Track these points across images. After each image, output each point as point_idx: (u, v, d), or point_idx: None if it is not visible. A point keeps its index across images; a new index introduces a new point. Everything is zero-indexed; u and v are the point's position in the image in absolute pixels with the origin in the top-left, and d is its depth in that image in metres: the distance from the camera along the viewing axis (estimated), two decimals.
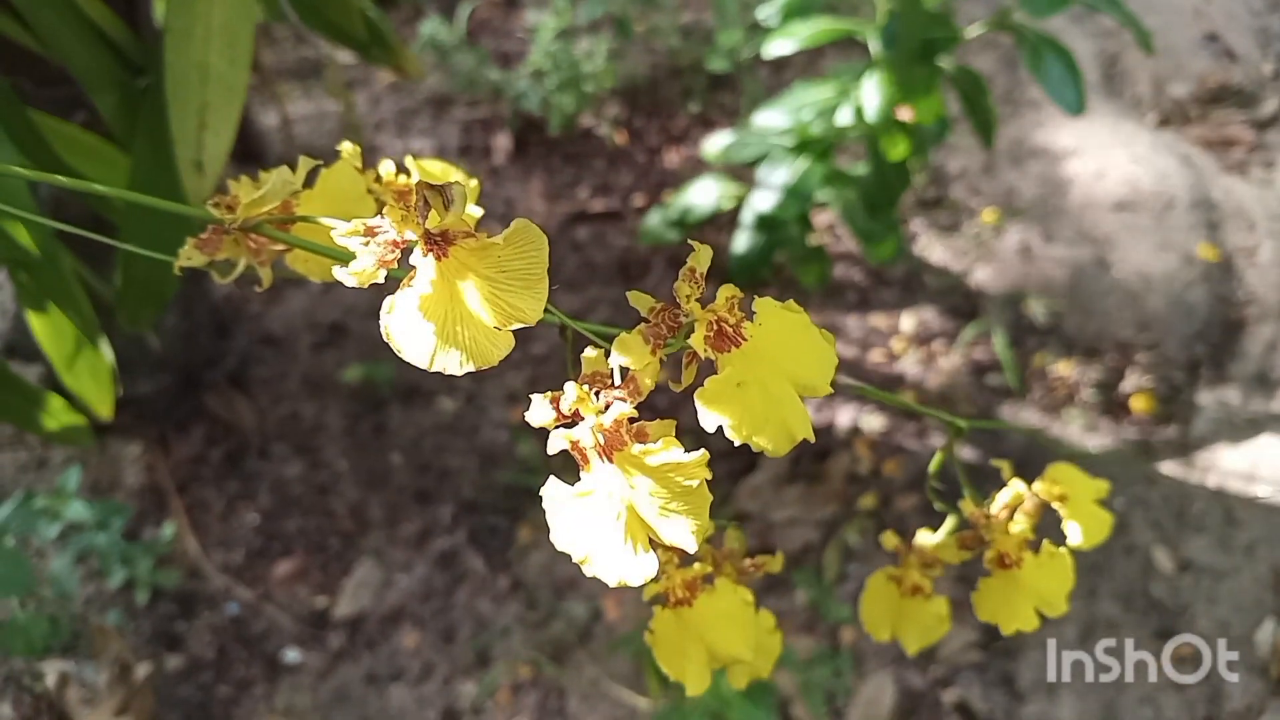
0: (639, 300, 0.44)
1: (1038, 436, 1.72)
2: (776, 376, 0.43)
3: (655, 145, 2.31)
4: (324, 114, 2.30)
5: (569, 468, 1.41)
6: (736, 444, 0.43)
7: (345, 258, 0.43)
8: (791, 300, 0.45)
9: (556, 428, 0.41)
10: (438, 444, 1.88)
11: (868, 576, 1.73)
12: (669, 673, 0.55)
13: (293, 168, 0.53)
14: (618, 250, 2.11)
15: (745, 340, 0.43)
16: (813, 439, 0.43)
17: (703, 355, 0.43)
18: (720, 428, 0.43)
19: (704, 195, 1.91)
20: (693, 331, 0.43)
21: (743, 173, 2.06)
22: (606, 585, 1.31)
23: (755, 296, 0.45)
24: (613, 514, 0.40)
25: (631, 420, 0.41)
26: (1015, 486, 0.59)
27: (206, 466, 1.85)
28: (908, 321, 2.01)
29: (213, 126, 0.69)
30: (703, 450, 0.40)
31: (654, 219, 1.99)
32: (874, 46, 1.57)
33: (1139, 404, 1.90)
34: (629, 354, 0.42)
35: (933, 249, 2.13)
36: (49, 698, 1.64)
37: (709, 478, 0.40)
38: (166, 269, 1.04)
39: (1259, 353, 1.97)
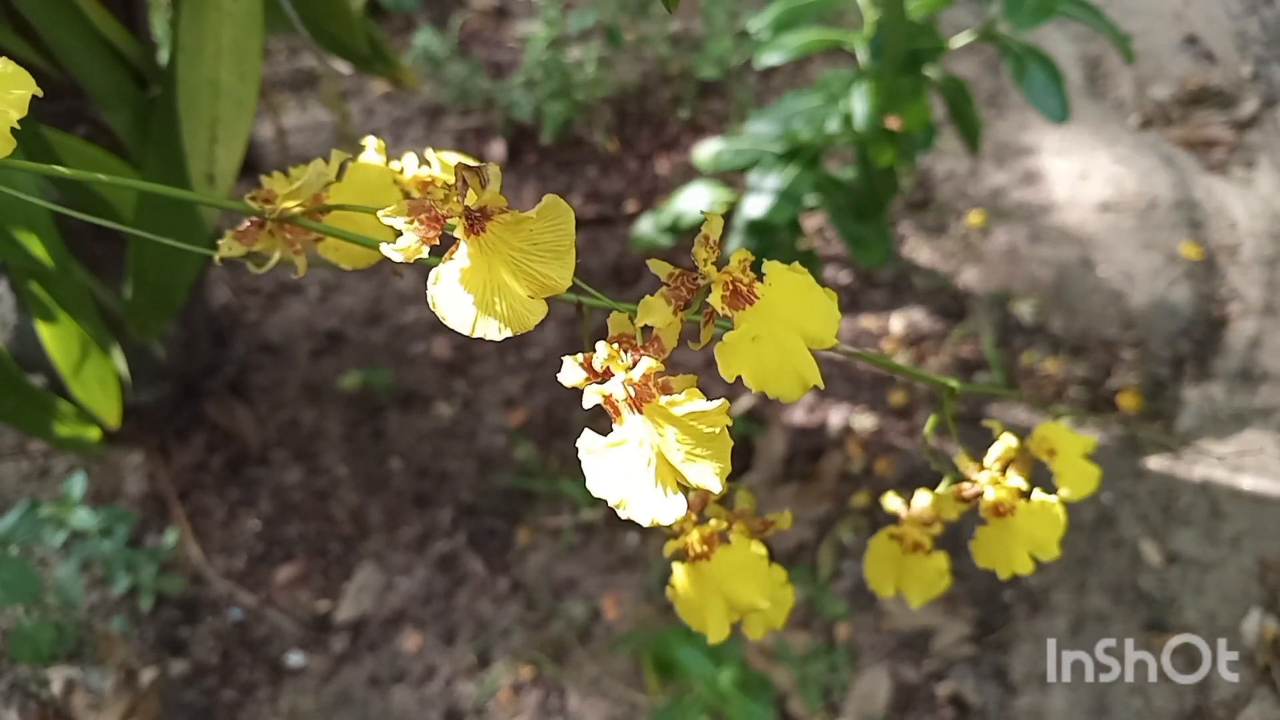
0: (659, 267, 0.48)
1: (1024, 399, 1.76)
2: (788, 330, 0.47)
3: (646, 152, 2.34)
4: (319, 125, 2.32)
5: (567, 469, 1.44)
6: (754, 392, 0.46)
7: (377, 243, 0.46)
8: (796, 262, 0.49)
9: (589, 385, 0.44)
10: (436, 448, 1.91)
11: (862, 573, 1.75)
12: (690, 623, 0.58)
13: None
14: (611, 256, 2.14)
15: (758, 299, 0.46)
16: (822, 385, 0.47)
17: (720, 312, 0.46)
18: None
19: (695, 201, 1.94)
20: (710, 292, 0.46)
21: (733, 179, 2.09)
22: (605, 585, 1.33)
23: (764, 261, 0.49)
24: (644, 460, 0.43)
25: (658, 375, 0.45)
26: (1007, 440, 0.63)
27: (207, 474, 1.87)
28: (897, 323, 2.04)
29: (224, 140, 0.72)
30: (723, 399, 0.44)
31: (646, 225, 2.02)
32: (861, 56, 1.60)
33: (1125, 400, 1.94)
34: (653, 314, 0.46)
35: (920, 251, 2.16)
36: (55, 704, 1.66)
37: (729, 424, 0.44)
38: (176, 277, 1.07)
39: (1242, 348, 2.01)
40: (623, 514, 0.44)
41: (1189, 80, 2.46)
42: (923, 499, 0.66)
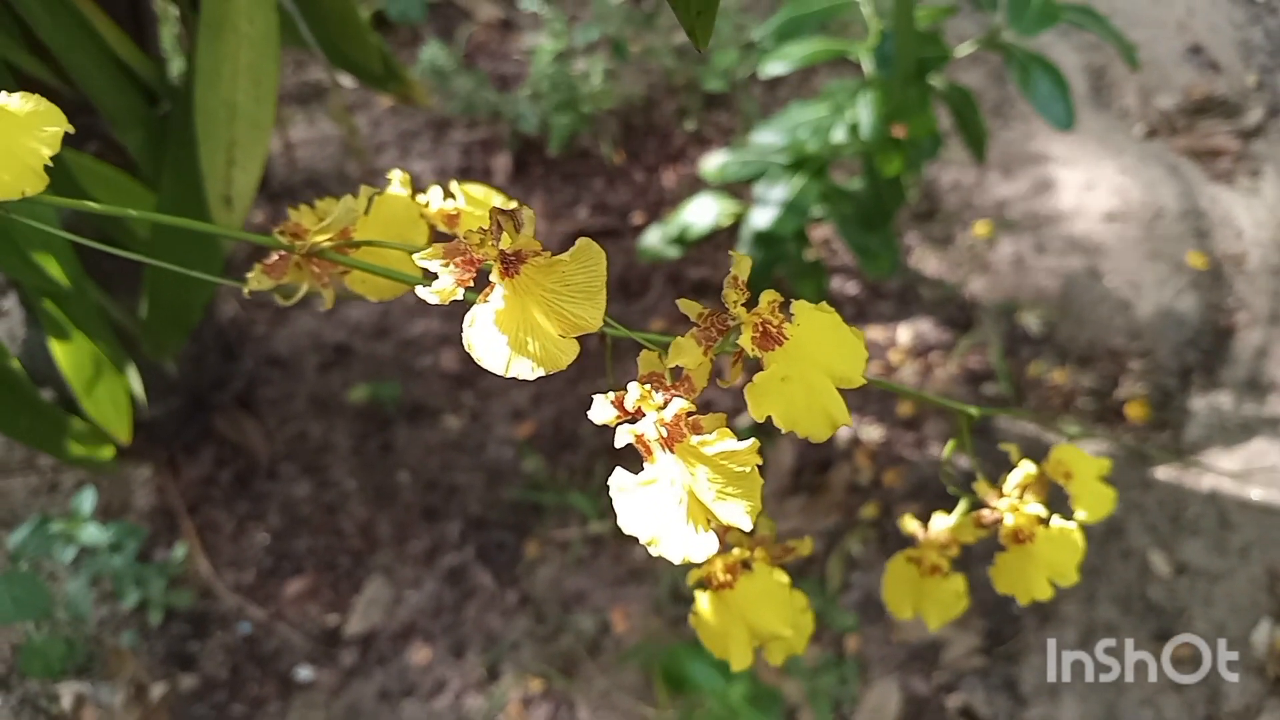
0: (688, 307, 0.49)
1: (1045, 422, 1.76)
2: (816, 371, 0.47)
3: (652, 164, 2.35)
4: (326, 138, 2.33)
5: (575, 482, 1.44)
6: (784, 432, 0.46)
7: (406, 278, 0.47)
8: (824, 302, 0.49)
9: (620, 423, 0.45)
10: (444, 462, 1.91)
11: (871, 585, 1.75)
12: (714, 651, 0.59)
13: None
14: (618, 267, 2.14)
15: (787, 339, 0.47)
16: (851, 425, 0.48)
17: (751, 354, 0.46)
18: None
19: (702, 213, 1.94)
20: (739, 333, 0.47)
21: (740, 190, 2.10)
22: (613, 598, 1.33)
23: (790, 300, 0.49)
24: (675, 499, 0.44)
25: (689, 414, 0.45)
26: (1026, 467, 0.63)
27: (216, 488, 1.88)
28: (905, 333, 2.04)
29: (240, 162, 0.73)
30: (754, 440, 0.44)
31: (653, 236, 2.02)
32: (867, 66, 1.61)
33: (1133, 410, 1.93)
34: (684, 355, 0.46)
35: (927, 261, 2.16)
36: (66, 719, 1.66)
37: (760, 464, 0.44)
38: (192, 297, 1.07)
39: (1249, 358, 2.01)
40: (654, 551, 0.45)
41: (1194, 90, 2.46)
42: (940, 522, 0.66)
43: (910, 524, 0.67)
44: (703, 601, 0.59)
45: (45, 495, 1.89)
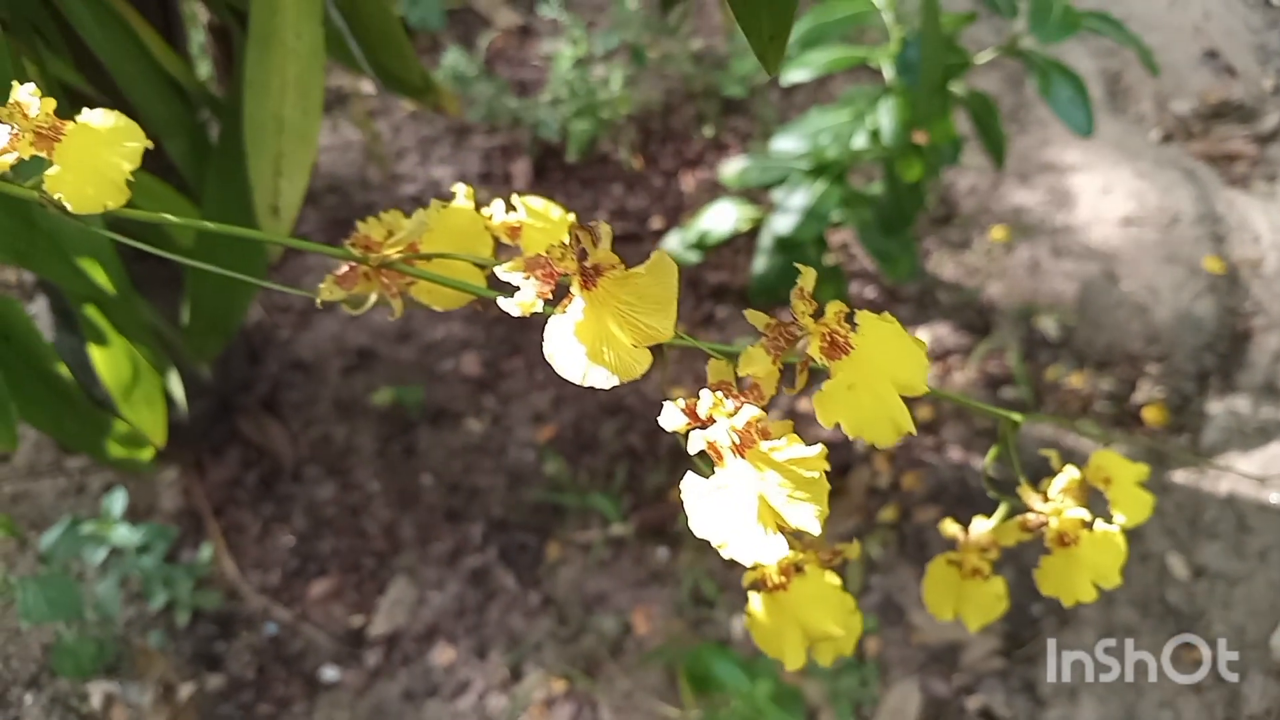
0: (755, 318, 0.50)
1: (1081, 431, 1.77)
2: (881, 379, 0.49)
3: (671, 169, 2.36)
4: (348, 143, 2.35)
5: (596, 484, 1.45)
6: (851, 439, 0.48)
7: (473, 289, 0.49)
8: (886, 312, 0.51)
9: (691, 430, 0.47)
10: (466, 464, 1.93)
11: (890, 587, 1.76)
12: (767, 651, 0.60)
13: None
14: None
15: (852, 349, 0.48)
16: (914, 432, 0.49)
17: (820, 363, 0.48)
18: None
19: (722, 218, 1.96)
20: (806, 343, 0.48)
21: (758, 195, 2.12)
22: (635, 599, 1.35)
23: (853, 310, 0.50)
24: (747, 504, 0.45)
25: (759, 421, 0.47)
26: (1070, 472, 0.65)
27: (241, 489, 1.90)
28: (923, 337, 2.05)
29: (287, 173, 0.75)
30: (821, 445, 0.46)
31: (673, 241, 2.04)
32: (888, 73, 1.62)
33: (1151, 414, 1.94)
34: (754, 365, 0.48)
35: (945, 266, 2.18)
36: (95, 718, 1.69)
37: (828, 469, 0.46)
38: (233, 304, 1.09)
39: (1266, 363, 2.02)
40: (724, 554, 0.46)
41: (1209, 94, 2.47)
42: (980, 525, 0.68)
43: (950, 527, 0.69)
44: (756, 603, 0.61)
45: (73, 497, 1.92)
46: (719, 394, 0.47)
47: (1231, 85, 2.49)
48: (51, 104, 0.49)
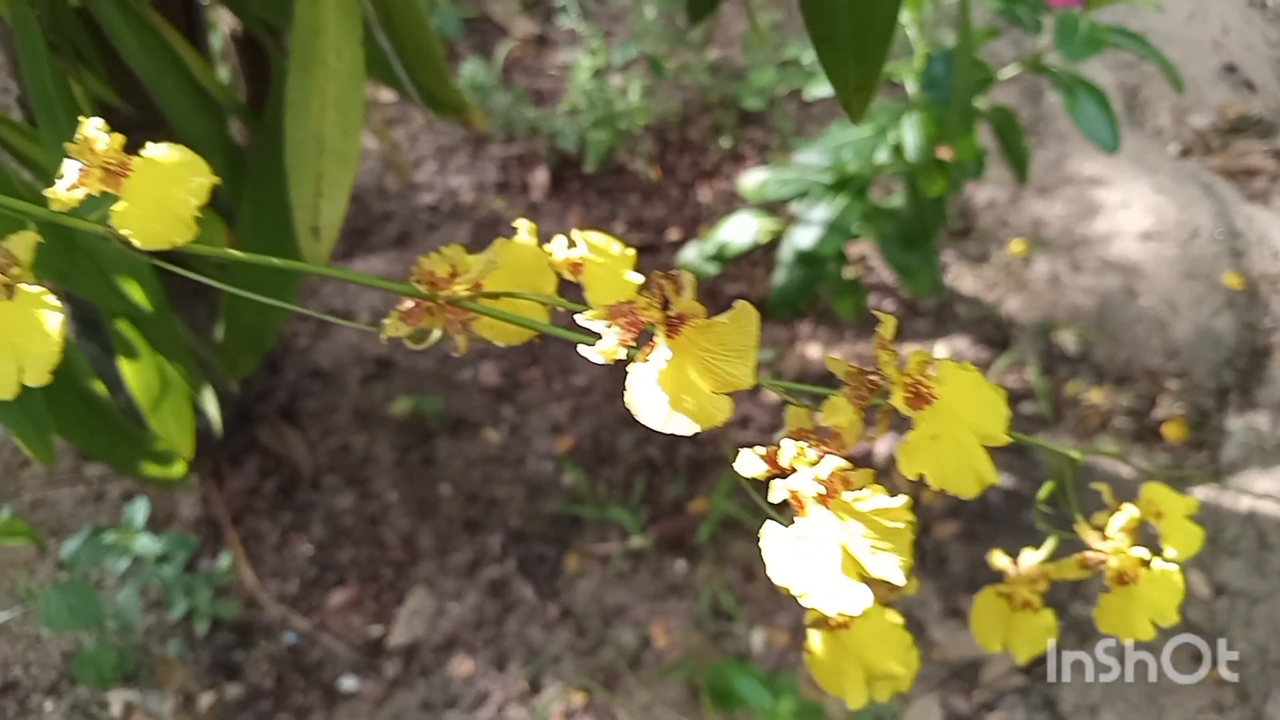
0: (835, 365, 0.50)
1: (1149, 473, 1.77)
2: (963, 429, 0.49)
3: (688, 180, 2.37)
4: (366, 152, 2.36)
5: (615, 496, 1.45)
6: (935, 489, 0.48)
7: (539, 326, 0.49)
8: (966, 361, 0.51)
9: (772, 478, 0.46)
10: (485, 475, 1.93)
11: (909, 603, 1.76)
12: (827, 689, 0.60)
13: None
14: None
15: (935, 399, 0.48)
16: (997, 482, 0.49)
17: (905, 414, 0.48)
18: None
19: (741, 230, 1.96)
20: (888, 392, 0.48)
21: (776, 207, 2.12)
22: (654, 612, 1.34)
23: (933, 356, 0.50)
24: (829, 554, 0.45)
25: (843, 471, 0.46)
26: (1130, 510, 0.64)
27: (260, 498, 1.90)
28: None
29: (327, 194, 0.75)
30: (905, 497, 0.46)
31: (691, 253, 2.05)
32: (911, 87, 1.62)
33: (1170, 430, 1.94)
34: (837, 415, 0.48)
35: (963, 279, 2.17)
36: None
37: (912, 520, 0.46)
38: (269, 322, 1.09)
39: None
40: (805, 603, 0.46)
41: (1228, 109, 2.47)
42: (1030, 558, 0.68)
43: (999, 559, 0.69)
44: (816, 640, 0.60)
45: (92, 504, 1.92)
46: (802, 444, 0.47)
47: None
48: (120, 139, 0.49)
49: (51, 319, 0.47)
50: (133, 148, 0.51)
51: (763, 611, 1.77)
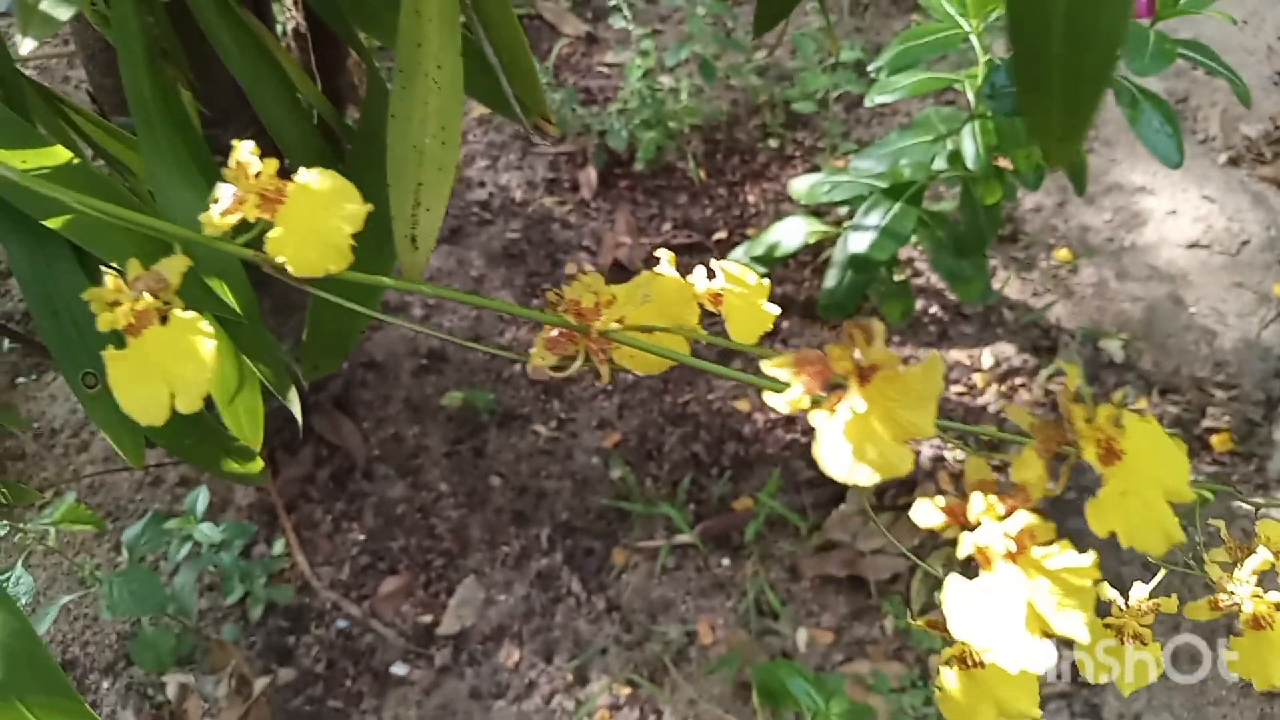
0: (1019, 416, 0.50)
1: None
2: (1150, 485, 0.49)
3: (735, 181, 2.38)
4: None
5: (662, 492, 1.47)
6: (1124, 545, 0.48)
7: (682, 359, 0.50)
8: (1147, 414, 0.51)
9: (948, 528, 0.47)
10: (534, 468, 1.96)
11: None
12: None
13: None
14: None
15: (1124, 454, 0.49)
16: (1184, 540, 0.49)
17: (1098, 471, 0.48)
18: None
19: (791, 232, 1.98)
20: (1074, 444, 0.48)
21: (824, 210, 2.13)
22: (699, 608, 1.36)
23: (1121, 412, 0.50)
24: (1015, 610, 0.46)
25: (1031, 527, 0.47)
26: (1264, 553, 0.64)
27: (314, 486, 1.94)
28: (988, 357, 2.06)
29: (426, 203, 0.76)
30: (1093, 553, 0.47)
31: (739, 254, 2.06)
32: (972, 97, 1.63)
33: (1217, 441, 1.94)
34: (1028, 470, 0.48)
35: (1010, 285, 2.18)
36: (171, 708, 1.73)
37: (1099, 578, 0.46)
38: (353, 325, 1.12)
39: None
40: (987, 658, 0.46)
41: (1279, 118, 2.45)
42: (1140, 591, 0.68)
43: (1107, 591, 0.68)
44: (950, 679, 0.61)
45: (149, 489, 1.96)
46: (991, 498, 0.47)
47: None
48: (274, 164, 0.48)
49: (205, 345, 0.47)
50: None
51: (808, 612, 1.79)
